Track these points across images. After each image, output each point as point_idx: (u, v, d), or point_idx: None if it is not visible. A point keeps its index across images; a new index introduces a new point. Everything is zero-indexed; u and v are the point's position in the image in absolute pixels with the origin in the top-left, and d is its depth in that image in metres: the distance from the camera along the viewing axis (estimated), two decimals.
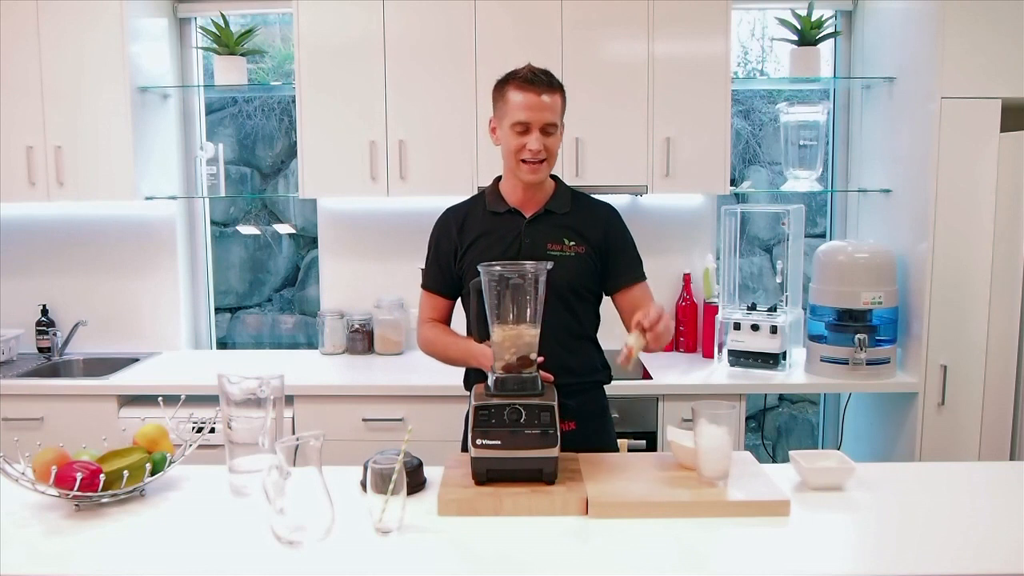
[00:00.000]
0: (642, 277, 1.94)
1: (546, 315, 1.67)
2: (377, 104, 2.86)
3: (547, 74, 1.79)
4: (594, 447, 1.82)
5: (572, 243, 1.86)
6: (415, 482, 1.59)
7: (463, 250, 1.89)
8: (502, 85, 1.82)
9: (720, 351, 2.91)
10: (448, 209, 1.99)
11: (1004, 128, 2.56)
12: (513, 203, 1.89)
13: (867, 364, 2.65)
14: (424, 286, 1.99)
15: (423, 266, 2.00)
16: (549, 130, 1.78)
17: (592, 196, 1.98)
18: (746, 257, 3.41)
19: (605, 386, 1.99)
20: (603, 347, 1.99)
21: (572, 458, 1.69)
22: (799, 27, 2.92)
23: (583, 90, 2.82)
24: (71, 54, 2.86)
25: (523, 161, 1.79)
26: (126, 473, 1.50)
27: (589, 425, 1.89)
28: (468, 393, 1.97)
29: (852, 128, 3.23)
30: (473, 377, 1.93)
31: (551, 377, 1.68)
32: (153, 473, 1.58)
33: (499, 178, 1.96)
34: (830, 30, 3.04)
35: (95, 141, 2.90)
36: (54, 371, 3.11)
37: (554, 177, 1.94)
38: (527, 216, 1.88)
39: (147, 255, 3.25)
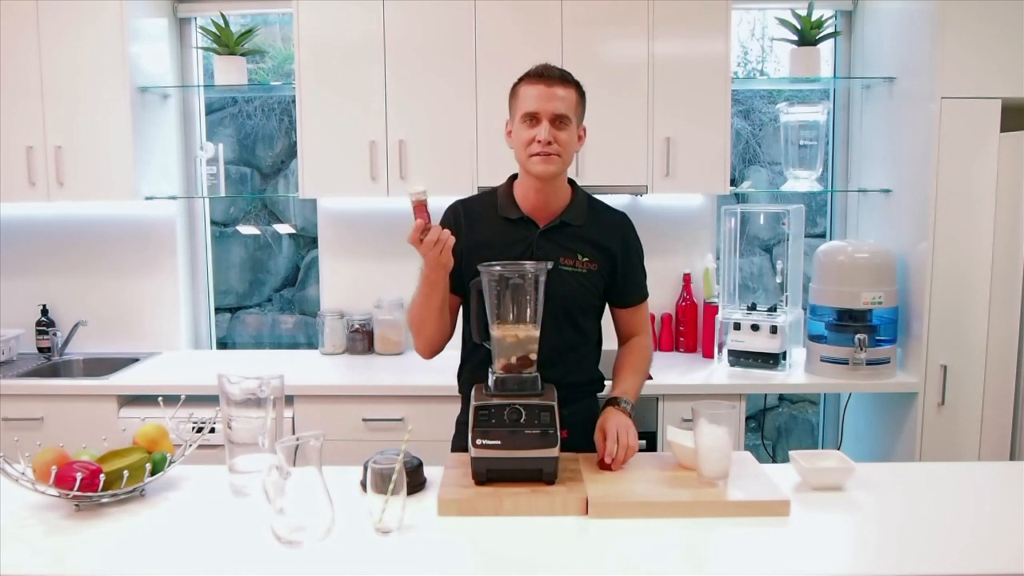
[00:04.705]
0: (646, 295, 1.91)
1: (549, 328, 1.65)
2: (377, 104, 2.86)
3: (562, 70, 1.73)
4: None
5: (585, 259, 1.78)
6: (415, 482, 1.59)
7: (468, 251, 1.76)
8: (515, 85, 1.75)
9: (720, 351, 2.91)
10: (458, 202, 1.86)
11: (1004, 128, 2.56)
12: (526, 210, 1.78)
13: (867, 364, 2.65)
14: None
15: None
16: (561, 123, 1.69)
17: (608, 205, 1.88)
18: (746, 257, 3.41)
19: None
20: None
21: (572, 458, 1.69)
22: (799, 27, 2.92)
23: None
24: (71, 54, 2.86)
25: (534, 154, 1.69)
26: (126, 473, 1.50)
27: (581, 433, 1.78)
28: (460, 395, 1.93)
29: (852, 128, 3.23)
30: (466, 375, 1.87)
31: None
32: (153, 473, 1.58)
33: (514, 176, 1.85)
34: (830, 30, 3.04)
35: (95, 141, 2.90)
36: (54, 371, 3.11)
37: (572, 183, 1.85)
38: (541, 226, 1.78)
39: (147, 255, 3.25)
